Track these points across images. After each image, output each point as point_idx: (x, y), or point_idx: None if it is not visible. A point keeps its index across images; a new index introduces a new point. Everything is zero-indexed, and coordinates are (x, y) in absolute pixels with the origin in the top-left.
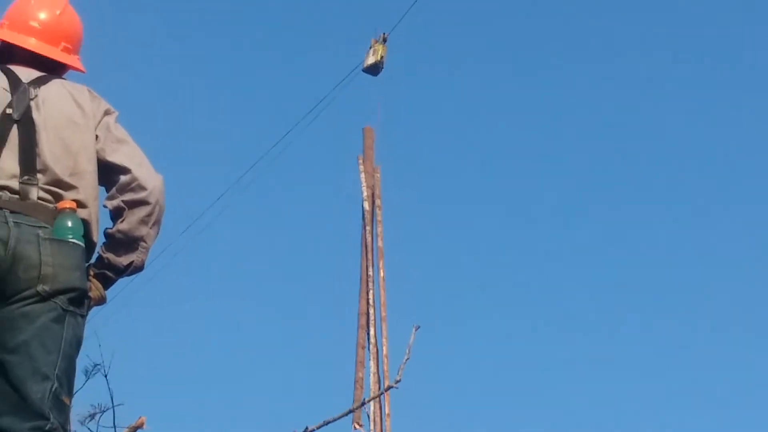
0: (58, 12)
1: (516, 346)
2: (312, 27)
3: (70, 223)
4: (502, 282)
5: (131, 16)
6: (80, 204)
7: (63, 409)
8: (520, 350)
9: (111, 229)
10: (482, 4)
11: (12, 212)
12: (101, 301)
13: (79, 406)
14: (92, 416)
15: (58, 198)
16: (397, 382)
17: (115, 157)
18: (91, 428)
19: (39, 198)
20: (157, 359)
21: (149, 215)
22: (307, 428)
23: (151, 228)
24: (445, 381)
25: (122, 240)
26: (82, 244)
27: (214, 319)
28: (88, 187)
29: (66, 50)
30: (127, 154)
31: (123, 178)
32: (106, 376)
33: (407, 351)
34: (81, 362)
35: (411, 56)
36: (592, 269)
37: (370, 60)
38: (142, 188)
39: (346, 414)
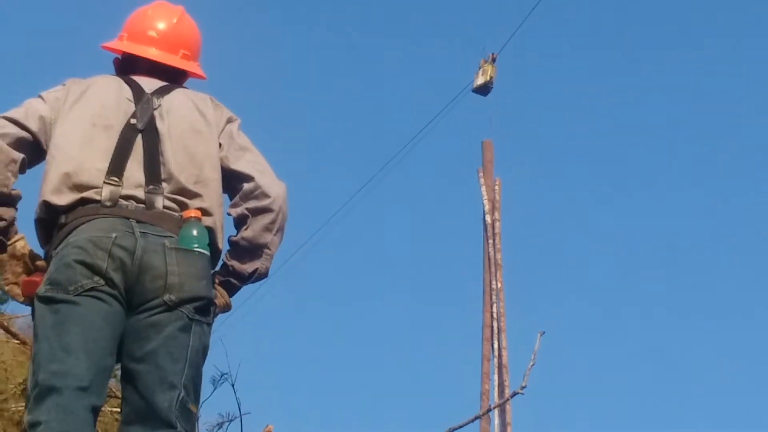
0: (175, 20)
1: (634, 357)
2: (423, 48)
3: (195, 232)
4: (618, 290)
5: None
6: (205, 212)
7: (189, 417)
8: (638, 362)
9: (235, 236)
10: (590, 18)
11: (138, 222)
12: (226, 308)
13: (207, 415)
14: (220, 425)
15: (183, 206)
16: (523, 388)
17: (238, 165)
18: None
19: (164, 207)
20: (284, 368)
21: (273, 222)
22: None
23: (275, 235)
24: (565, 390)
25: (246, 247)
26: (207, 252)
27: (338, 329)
28: (212, 195)
29: (185, 57)
30: (250, 161)
31: (246, 186)
32: (233, 385)
33: (533, 357)
34: (209, 372)
35: (521, 74)
36: (716, 270)
37: (480, 80)
38: (265, 196)
39: (472, 421)
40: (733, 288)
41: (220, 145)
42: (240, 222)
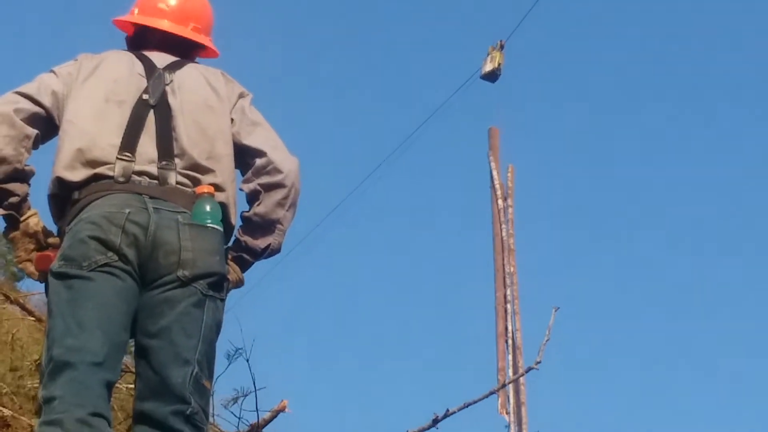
0: None
1: (647, 348)
2: (431, 35)
3: (208, 208)
4: (633, 275)
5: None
6: (218, 187)
7: (203, 393)
8: (652, 353)
9: (248, 212)
10: (599, 7)
11: (151, 198)
12: (239, 283)
13: (222, 391)
14: (235, 400)
15: (195, 182)
16: (538, 363)
17: (250, 140)
18: (234, 412)
19: (177, 183)
20: (298, 342)
21: (285, 198)
22: (447, 411)
23: (287, 210)
24: (576, 373)
25: (259, 223)
26: (220, 228)
27: (353, 304)
28: (225, 170)
29: (196, 30)
30: (262, 136)
31: (259, 162)
32: (247, 360)
33: (547, 332)
34: (223, 347)
35: (530, 61)
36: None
37: (488, 67)
38: (278, 171)
39: (487, 396)
40: (745, 269)
41: (232, 120)
42: (252, 198)
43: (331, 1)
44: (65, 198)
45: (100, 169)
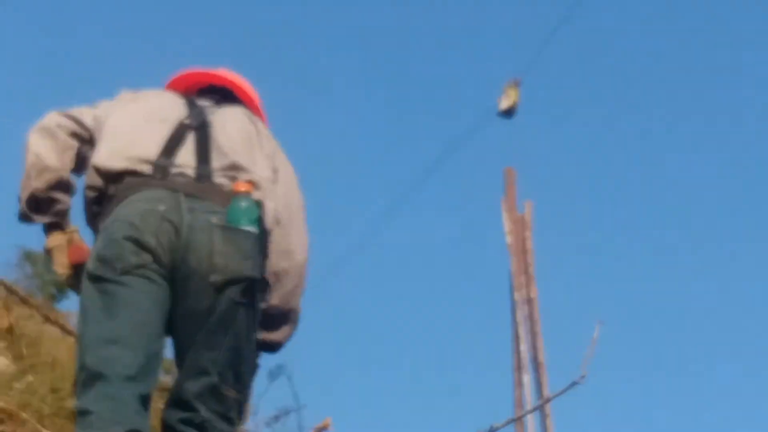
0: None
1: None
2: (446, 72)
3: (243, 206)
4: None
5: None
6: (255, 185)
7: (223, 400)
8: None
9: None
10: (614, 42)
11: (187, 196)
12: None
13: (264, 409)
14: (277, 418)
15: (233, 180)
16: (583, 377)
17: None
18: (276, 430)
19: (215, 182)
20: (340, 360)
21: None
22: (492, 426)
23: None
24: (599, 405)
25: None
26: (255, 230)
27: (388, 326)
28: (263, 172)
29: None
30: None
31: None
32: (289, 378)
33: (592, 345)
34: (265, 365)
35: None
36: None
37: (504, 104)
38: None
39: (531, 412)
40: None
41: None
42: None
43: (344, 37)
44: (101, 194)
45: (138, 166)
